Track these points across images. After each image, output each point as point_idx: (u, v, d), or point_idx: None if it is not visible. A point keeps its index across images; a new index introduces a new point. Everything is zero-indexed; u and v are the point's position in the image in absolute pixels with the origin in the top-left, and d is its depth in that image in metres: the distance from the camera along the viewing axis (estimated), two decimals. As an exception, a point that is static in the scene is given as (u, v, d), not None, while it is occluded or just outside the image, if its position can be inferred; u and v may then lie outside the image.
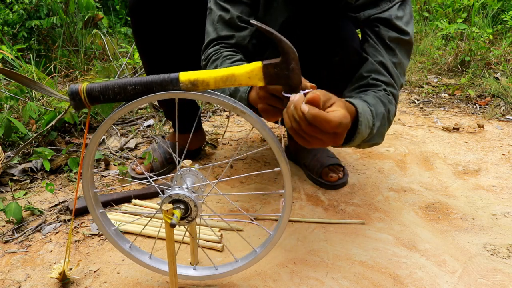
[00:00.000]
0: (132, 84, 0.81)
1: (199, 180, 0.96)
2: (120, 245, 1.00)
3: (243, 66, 0.82)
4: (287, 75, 0.81)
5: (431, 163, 1.73)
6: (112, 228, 0.99)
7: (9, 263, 1.14)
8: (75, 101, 0.81)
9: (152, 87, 0.81)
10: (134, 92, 0.81)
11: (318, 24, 1.22)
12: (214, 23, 1.23)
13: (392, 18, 1.17)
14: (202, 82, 0.81)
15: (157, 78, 0.81)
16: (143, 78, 0.81)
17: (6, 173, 1.57)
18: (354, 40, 1.21)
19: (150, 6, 1.30)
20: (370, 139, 1.04)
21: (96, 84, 0.81)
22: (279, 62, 0.80)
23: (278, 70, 0.81)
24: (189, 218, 0.91)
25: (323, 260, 1.16)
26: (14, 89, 1.86)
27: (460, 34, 3.11)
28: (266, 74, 0.81)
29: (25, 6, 2.79)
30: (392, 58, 1.17)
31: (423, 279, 1.09)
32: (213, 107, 2.33)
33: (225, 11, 1.22)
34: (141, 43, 1.42)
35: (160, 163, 1.60)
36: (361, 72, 1.18)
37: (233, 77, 0.81)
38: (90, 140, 0.87)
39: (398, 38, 1.17)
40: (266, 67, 0.81)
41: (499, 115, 2.24)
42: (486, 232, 1.29)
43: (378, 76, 1.15)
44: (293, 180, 1.57)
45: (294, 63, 0.80)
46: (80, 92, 0.81)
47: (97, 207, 0.96)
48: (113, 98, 0.82)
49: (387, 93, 1.14)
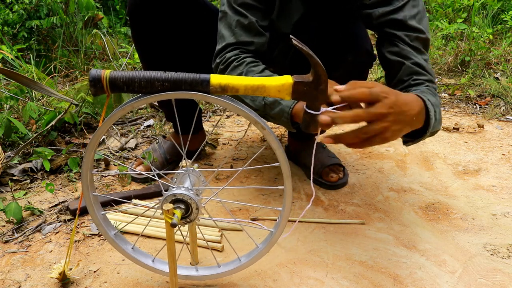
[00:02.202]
0: (161, 80, 0.79)
1: (200, 182, 0.96)
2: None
3: (274, 79, 0.83)
4: (315, 95, 0.83)
5: (431, 163, 1.73)
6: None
7: (9, 263, 1.14)
8: (95, 88, 0.79)
9: (181, 85, 0.80)
10: (162, 88, 0.80)
11: (332, 23, 1.23)
12: (232, 27, 1.22)
13: (407, 20, 1.19)
14: (232, 88, 0.81)
15: (187, 77, 0.80)
16: (173, 74, 0.80)
17: (6, 173, 1.57)
18: (366, 41, 1.22)
19: (149, 10, 1.30)
20: (434, 126, 1.06)
21: (121, 73, 0.79)
22: (310, 82, 0.82)
23: (308, 89, 0.83)
24: (188, 219, 0.91)
25: (323, 260, 1.16)
26: (14, 89, 1.86)
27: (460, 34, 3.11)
28: (295, 90, 0.83)
29: (25, 6, 2.79)
30: (422, 56, 1.20)
31: (423, 279, 1.09)
32: (213, 107, 2.33)
33: (243, 16, 1.21)
34: (140, 46, 1.42)
35: (161, 163, 1.60)
36: (400, 77, 1.20)
37: (263, 88, 0.82)
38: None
39: (417, 37, 1.20)
40: (297, 84, 0.82)
41: (499, 115, 2.24)
42: (486, 232, 1.29)
43: (419, 77, 1.18)
44: (293, 180, 1.57)
45: (324, 85, 0.83)
46: (102, 79, 0.79)
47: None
48: (138, 90, 0.81)
49: (430, 87, 1.16)
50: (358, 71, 1.28)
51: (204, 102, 2.27)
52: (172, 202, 0.88)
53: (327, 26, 1.25)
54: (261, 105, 1.14)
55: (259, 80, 0.82)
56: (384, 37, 1.24)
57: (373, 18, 1.22)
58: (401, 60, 1.19)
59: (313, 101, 0.85)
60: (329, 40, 1.22)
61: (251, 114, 0.84)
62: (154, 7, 1.30)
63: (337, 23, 1.23)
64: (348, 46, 1.21)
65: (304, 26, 1.28)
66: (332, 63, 1.21)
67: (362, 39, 1.22)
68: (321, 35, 1.24)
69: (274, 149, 0.87)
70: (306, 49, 0.80)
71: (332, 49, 1.21)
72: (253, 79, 0.82)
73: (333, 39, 1.22)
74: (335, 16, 1.24)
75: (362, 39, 1.21)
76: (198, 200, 0.89)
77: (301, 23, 1.28)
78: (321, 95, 0.84)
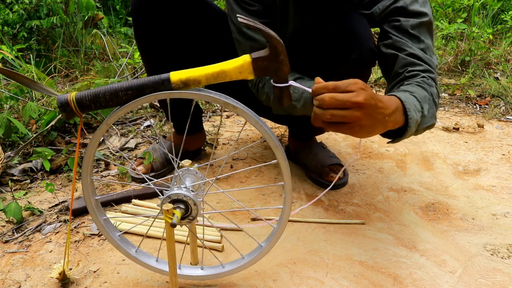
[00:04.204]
0: (124, 89, 0.80)
1: (198, 179, 0.96)
2: (126, 250, 1.00)
3: (232, 61, 0.83)
4: (278, 67, 0.83)
5: (431, 163, 1.73)
6: (117, 234, 1.00)
7: (9, 263, 1.14)
8: (66, 112, 0.81)
9: (144, 90, 0.80)
10: (126, 97, 0.81)
11: (332, 23, 1.23)
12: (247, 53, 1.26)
13: (408, 5, 1.17)
14: (193, 80, 0.82)
15: (148, 81, 0.81)
16: (134, 81, 0.81)
17: (6, 173, 1.57)
18: (370, 40, 1.22)
19: (152, 9, 1.31)
20: (424, 122, 1.05)
21: (85, 92, 0.80)
22: (268, 55, 0.82)
23: (268, 63, 0.82)
24: (190, 217, 0.91)
25: (323, 260, 1.16)
26: (14, 89, 1.86)
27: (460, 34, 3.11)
28: (256, 67, 0.83)
29: (25, 6, 2.79)
30: (419, 45, 1.18)
31: (423, 279, 1.09)
32: (213, 107, 2.33)
33: (253, 41, 1.25)
34: (143, 44, 1.42)
35: (161, 163, 1.60)
36: (395, 70, 1.19)
37: (223, 73, 0.82)
38: (86, 148, 0.87)
39: (419, 23, 1.17)
40: (255, 61, 0.82)
41: (499, 115, 2.24)
42: (486, 232, 1.29)
43: (413, 68, 1.16)
44: (293, 180, 1.57)
45: (283, 55, 0.82)
46: (69, 102, 0.80)
47: (99, 214, 0.96)
48: (105, 105, 0.81)
49: (426, 78, 1.14)
50: (361, 70, 1.28)
51: (204, 102, 2.27)
52: (172, 203, 0.89)
53: (328, 26, 1.25)
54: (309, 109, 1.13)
55: (217, 66, 0.82)
56: (382, 30, 1.23)
57: (376, 15, 1.22)
58: (395, 52, 1.18)
59: (277, 74, 0.84)
60: (332, 39, 1.22)
61: (221, 98, 0.83)
62: (157, 6, 1.30)
63: (338, 22, 1.23)
64: (352, 44, 1.21)
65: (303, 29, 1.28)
66: (335, 61, 1.21)
67: (366, 37, 1.22)
68: (324, 35, 1.24)
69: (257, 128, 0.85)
70: (256, 25, 0.80)
71: (336, 47, 1.21)
72: (212, 67, 0.82)
73: (336, 37, 1.22)
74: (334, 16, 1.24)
75: (365, 38, 1.21)
76: (194, 195, 0.89)
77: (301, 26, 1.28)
78: (283, 66, 0.83)
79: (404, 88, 1.08)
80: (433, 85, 1.14)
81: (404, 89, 1.07)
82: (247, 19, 0.80)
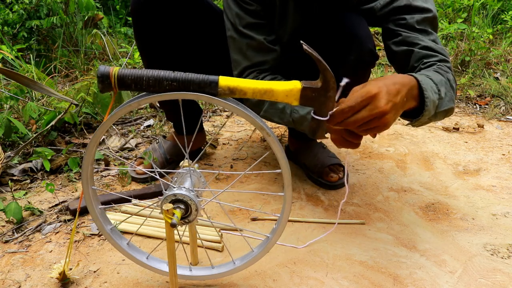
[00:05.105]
0: (170, 79, 0.79)
1: (201, 183, 0.95)
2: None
3: (282, 83, 0.83)
4: (323, 101, 0.84)
5: (431, 163, 1.73)
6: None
7: (9, 263, 1.14)
8: (103, 84, 0.79)
9: (189, 86, 0.80)
10: (170, 87, 0.80)
11: (332, 23, 1.24)
12: (243, 51, 1.26)
13: (411, 2, 1.18)
14: (240, 90, 0.81)
15: (195, 78, 0.80)
16: (180, 74, 0.80)
17: (6, 173, 1.57)
18: (369, 40, 1.22)
19: (152, 9, 1.31)
20: (442, 104, 1.04)
21: (129, 70, 0.79)
22: (319, 88, 0.82)
23: (316, 95, 0.83)
24: (186, 220, 0.91)
25: (323, 260, 1.16)
26: (14, 89, 1.86)
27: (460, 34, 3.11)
28: (303, 95, 0.83)
29: (25, 6, 2.79)
30: (429, 37, 1.19)
31: (423, 279, 1.09)
32: (213, 107, 2.33)
33: (250, 39, 1.24)
34: (142, 44, 1.42)
35: (161, 163, 1.60)
36: (411, 64, 1.19)
37: (271, 91, 0.82)
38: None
39: (424, 18, 1.18)
40: (304, 90, 0.83)
41: (499, 115, 2.24)
42: (486, 232, 1.29)
43: (429, 59, 1.16)
44: (293, 180, 1.57)
45: (332, 91, 0.83)
46: (110, 75, 0.79)
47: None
48: (146, 89, 0.80)
49: (441, 66, 1.14)
50: (361, 71, 1.28)
51: (204, 102, 2.27)
52: (172, 202, 0.88)
53: (328, 26, 1.25)
54: (289, 121, 1.18)
55: (267, 84, 0.82)
56: (388, 29, 1.23)
57: (376, 11, 1.23)
58: (409, 48, 1.18)
59: (321, 107, 0.85)
60: (331, 40, 1.22)
61: (256, 119, 0.84)
62: (157, 6, 1.30)
63: (337, 22, 1.23)
64: (351, 45, 1.21)
65: (303, 28, 1.28)
66: (335, 62, 1.21)
67: (365, 38, 1.22)
68: (323, 35, 1.24)
69: (278, 158, 0.86)
70: (315, 54, 0.80)
71: (335, 48, 1.21)
72: (261, 83, 0.82)
73: (335, 38, 1.22)
74: (334, 15, 1.24)
75: (365, 39, 1.22)
76: (199, 202, 0.89)
77: (300, 26, 1.28)
78: (329, 102, 0.84)
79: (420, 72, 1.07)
80: (449, 71, 1.15)
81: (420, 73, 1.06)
82: (309, 47, 0.80)
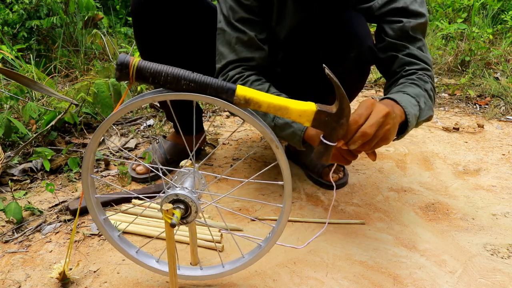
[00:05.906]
0: (188, 79, 0.79)
1: (201, 184, 0.95)
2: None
3: (298, 103, 0.83)
4: (335, 127, 0.84)
5: (431, 163, 1.73)
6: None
7: (9, 263, 1.14)
8: (121, 73, 0.79)
9: (207, 89, 0.79)
10: (187, 87, 0.79)
11: (331, 20, 1.24)
12: (232, 44, 1.24)
13: (408, 5, 1.20)
14: (256, 102, 0.81)
15: (214, 82, 0.79)
16: (199, 76, 0.80)
17: (6, 173, 1.57)
18: (368, 38, 1.23)
19: (152, 8, 1.31)
20: (422, 115, 1.11)
21: (149, 64, 0.79)
22: (333, 113, 0.83)
23: (329, 119, 0.83)
24: (185, 221, 0.90)
25: (323, 260, 1.16)
26: (14, 89, 1.86)
27: (460, 34, 3.11)
28: (316, 118, 0.83)
29: (25, 6, 2.79)
30: (417, 44, 1.21)
31: (423, 279, 1.09)
32: (212, 107, 2.33)
33: (242, 33, 1.22)
34: (142, 44, 1.42)
35: (161, 163, 1.60)
36: (393, 69, 1.23)
37: (286, 109, 0.82)
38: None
39: (418, 24, 1.21)
40: (319, 113, 0.83)
41: (499, 115, 2.24)
42: (486, 232, 1.29)
43: (411, 67, 1.20)
44: (293, 180, 1.57)
45: (346, 119, 0.84)
46: (130, 65, 0.78)
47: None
48: (162, 85, 0.80)
49: (422, 75, 1.18)
50: (360, 68, 1.28)
51: (204, 102, 2.27)
52: (172, 201, 0.88)
53: (327, 24, 1.25)
54: (271, 125, 1.17)
55: (284, 101, 0.82)
56: (381, 30, 1.25)
57: (374, 10, 1.24)
58: (393, 54, 1.22)
59: (332, 132, 0.85)
60: (330, 37, 1.23)
61: (267, 130, 0.84)
62: (157, 6, 1.30)
63: (336, 20, 1.23)
64: (350, 43, 1.22)
65: (301, 26, 1.28)
66: (334, 60, 1.21)
67: (364, 36, 1.22)
68: (321, 32, 1.24)
69: (282, 169, 0.87)
70: (336, 80, 0.81)
71: (334, 46, 1.21)
72: (279, 99, 0.82)
73: (334, 36, 1.23)
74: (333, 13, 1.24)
75: (364, 36, 1.22)
76: (199, 204, 0.88)
77: (299, 23, 1.28)
78: (341, 129, 0.85)
79: (397, 89, 1.13)
80: (428, 81, 1.18)
81: (397, 90, 1.12)
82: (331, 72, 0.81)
